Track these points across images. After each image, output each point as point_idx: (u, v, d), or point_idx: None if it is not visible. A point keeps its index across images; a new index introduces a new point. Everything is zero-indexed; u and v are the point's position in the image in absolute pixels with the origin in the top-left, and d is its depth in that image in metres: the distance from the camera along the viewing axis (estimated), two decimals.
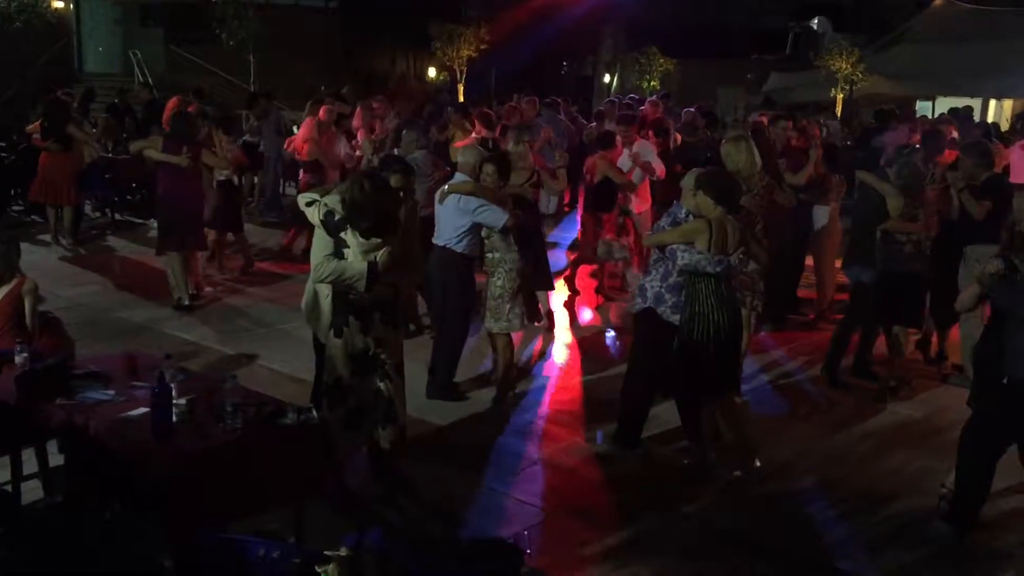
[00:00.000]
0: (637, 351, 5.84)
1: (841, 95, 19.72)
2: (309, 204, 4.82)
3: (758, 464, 5.61)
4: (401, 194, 5.31)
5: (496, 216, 6.17)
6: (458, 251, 6.34)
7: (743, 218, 5.75)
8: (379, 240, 4.62)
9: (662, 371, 5.57)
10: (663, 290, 5.53)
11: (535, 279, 7.65)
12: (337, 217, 4.61)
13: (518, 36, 22.57)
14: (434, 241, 6.48)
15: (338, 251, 4.67)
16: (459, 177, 6.49)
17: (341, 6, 26.28)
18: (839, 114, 18.88)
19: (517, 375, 6.98)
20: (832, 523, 5.17)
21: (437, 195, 6.51)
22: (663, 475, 5.62)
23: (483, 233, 6.34)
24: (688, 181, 5.52)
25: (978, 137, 10.31)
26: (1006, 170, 9.75)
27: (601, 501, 5.36)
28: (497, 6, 23.25)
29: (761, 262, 5.88)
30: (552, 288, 8.45)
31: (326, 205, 4.68)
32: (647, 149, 9.33)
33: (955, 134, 11.09)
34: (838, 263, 8.26)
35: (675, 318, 5.43)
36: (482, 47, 20.26)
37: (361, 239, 4.61)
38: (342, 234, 4.65)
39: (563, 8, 24.25)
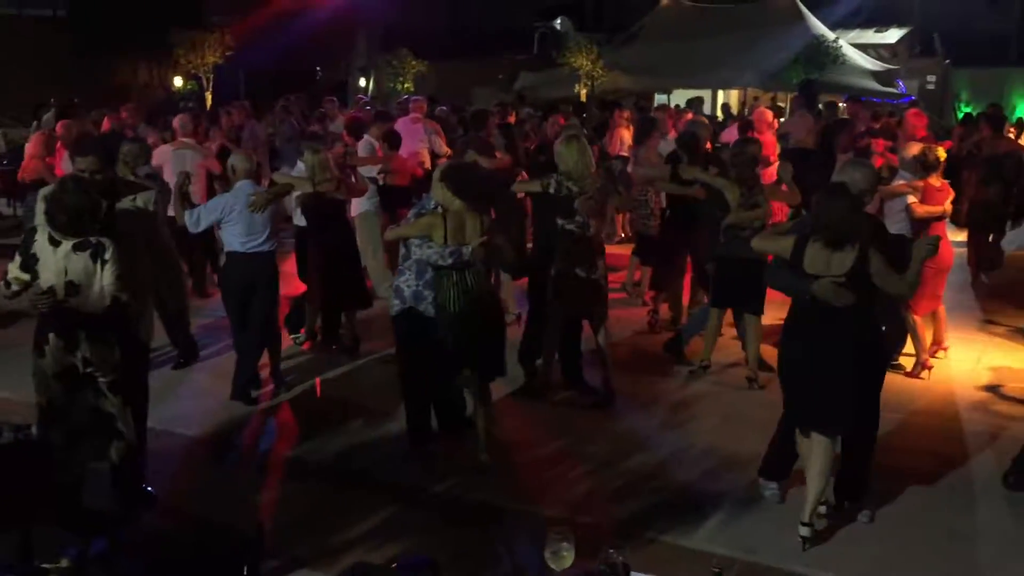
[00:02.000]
0: (404, 352, 5.88)
1: (584, 90, 20.75)
2: None
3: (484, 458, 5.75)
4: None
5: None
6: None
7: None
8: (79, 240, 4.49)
9: (436, 362, 5.66)
10: (421, 287, 5.63)
11: (349, 297, 7.72)
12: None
13: (268, 42, 22.12)
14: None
15: (26, 265, 4.53)
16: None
17: (71, 15, 24.64)
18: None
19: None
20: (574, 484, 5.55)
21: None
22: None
23: None
24: (436, 173, 5.66)
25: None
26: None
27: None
28: (242, 11, 22.64)
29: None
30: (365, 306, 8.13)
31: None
32: None
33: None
34: None
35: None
36: (228, 53, 19.66)
37: (61, 243, 4.48)
38: (33, 250, 4.53)
39: (314, 13, 24.00)
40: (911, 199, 7.16)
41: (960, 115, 21.58)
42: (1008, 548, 4.92)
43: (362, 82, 26.57)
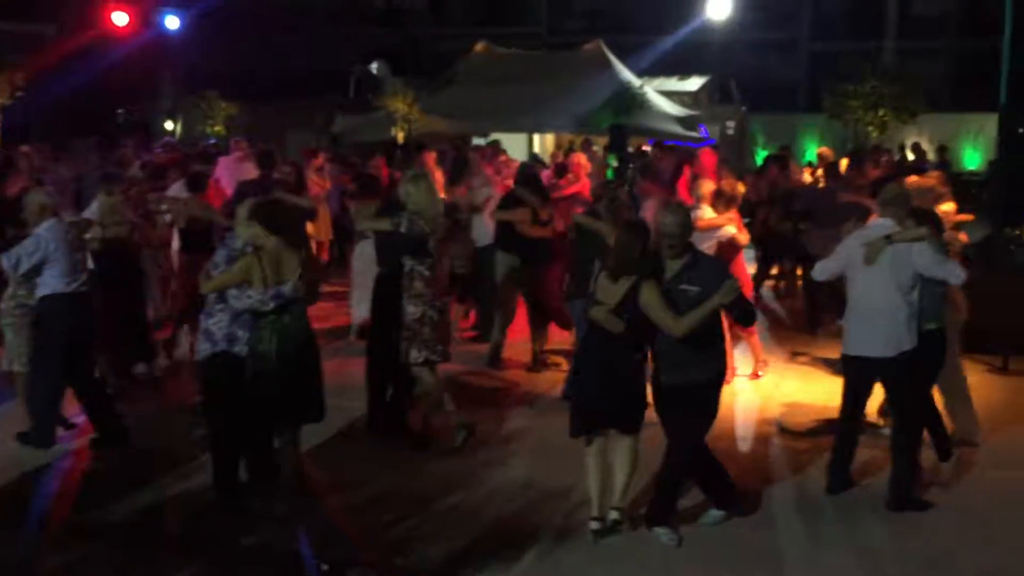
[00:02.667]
0: (214, 399, 5.56)
1: (402, 133, 20.73)
2: None
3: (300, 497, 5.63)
4: None
5: None
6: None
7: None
8: None
9: (251, 408, 5.42)
10: (235, 328, 5.38)
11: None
12: None
13: (61, 82, 20.96)
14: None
15: None
16: None
17: None
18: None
19: None
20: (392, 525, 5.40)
21: None
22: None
23: None
24: (241, 212, 5.44)
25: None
26: None
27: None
28: (33, 50, 21.36)
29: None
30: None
31: None
32: None
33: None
34: None
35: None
36: (18, 94, 18.43)
37: None
38: None
39: (112, 53, 23.00)
40: (730, 230, 7.55)
41: (759, 159, 22.95)
42: (809, 567, 5.11)
43: (169, 124, 25.58)
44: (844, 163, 12.64)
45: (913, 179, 7.82)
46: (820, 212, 9.89)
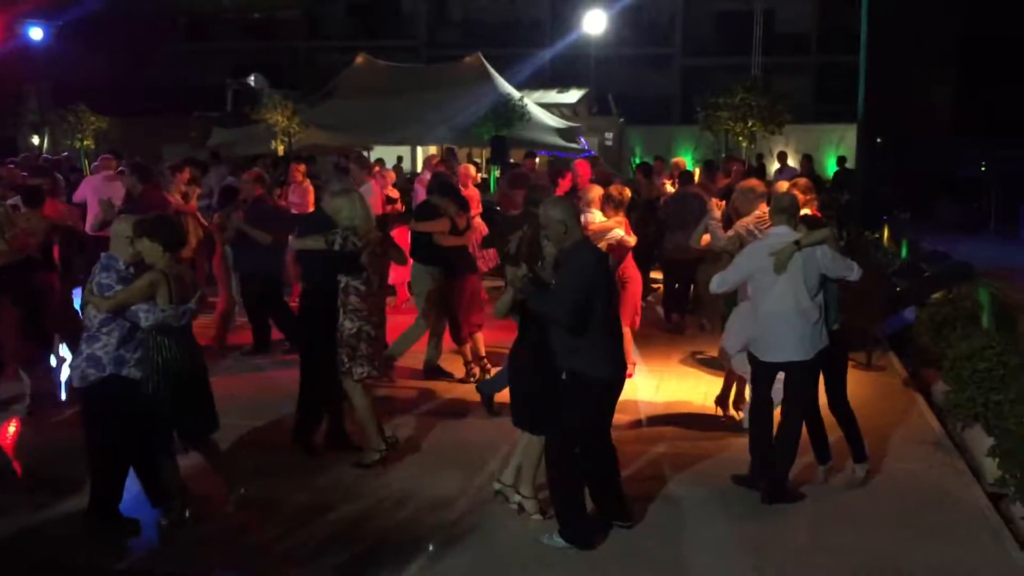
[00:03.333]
0: (101, 422, 5.29)
1: (282, 146, 20.45)
2: None
3: (188, 514, 5.49)
4: None
5: None
6: None
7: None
8: None
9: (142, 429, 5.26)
10: (124, 352, 5.20)
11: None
12: None
13: None
14: None
15: None
16: None
17: None
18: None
19: None
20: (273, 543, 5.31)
21: None
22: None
23: None
24: (123, 229, 5.24)
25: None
26: None
27: None
28: None
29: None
30: None
31: None
32: None
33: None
34: None
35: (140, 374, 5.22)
36: None
37: None
38: None
39: None
40: (619, 232, 7.74)
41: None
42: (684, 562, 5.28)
43: (35, 139, 24.51)
44: (698, 171, 13.28)
45: (782, 184, 8.17)
46: (672, 217, 10.38)
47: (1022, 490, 5.17)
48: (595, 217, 7.94)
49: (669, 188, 12.44)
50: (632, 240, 8.23)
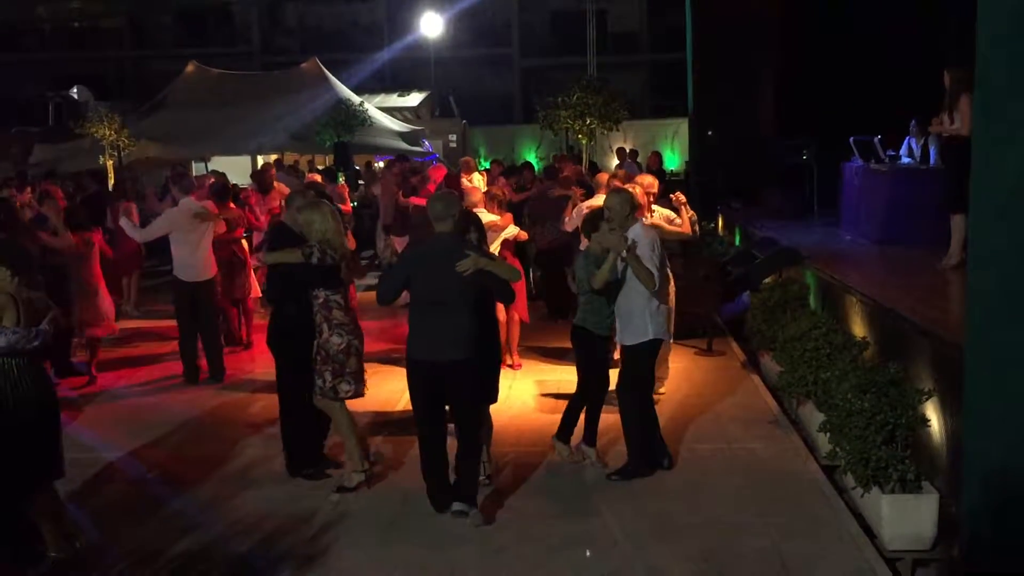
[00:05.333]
0: None
1: (111, 161, 19.49)
2: None
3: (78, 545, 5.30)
4: None
5: None
6: None
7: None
8: None
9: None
10: None
11: None
12: None
13: None
14: None
15: None
16: None
17: None
18: (111, 180, 18.62)
19: None
20: None
21: None
22: None
23: None
24: None
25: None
26: None
27: None
28: None
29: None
30: None
31: None
32: None
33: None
34: None
35: None
36: None
37: None
38: None
39: None
40: (514, 229, 8.65)
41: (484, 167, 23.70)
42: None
43: None
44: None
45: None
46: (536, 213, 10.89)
47: (851, 462, 5.50)
48: (486, 216, 8.10)
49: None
50: (524, 235, 9.11)
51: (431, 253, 5.69)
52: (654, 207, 8.04)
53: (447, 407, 5.80)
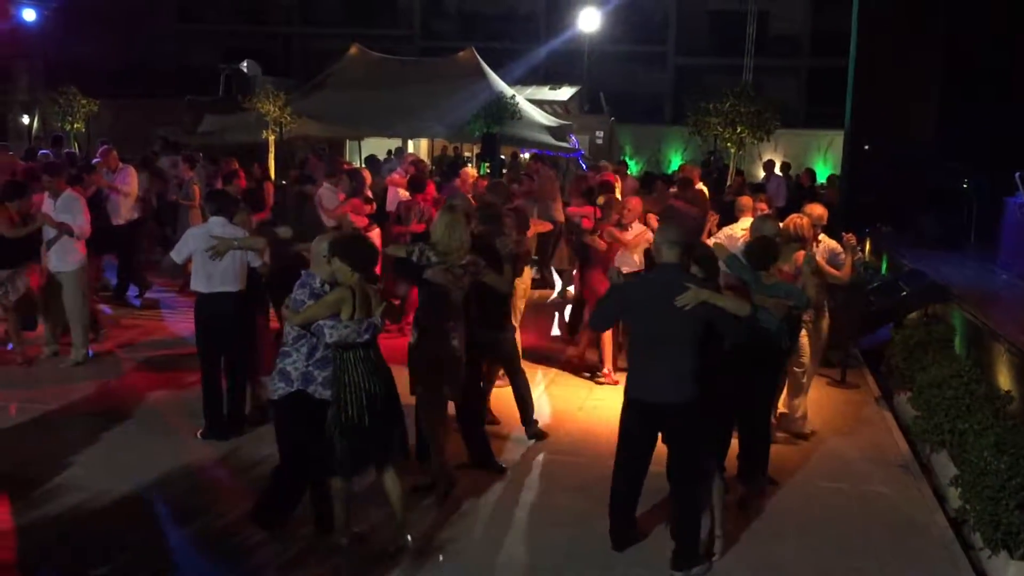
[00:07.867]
0: (287, 438, 5.46)
1: (273, 136, 20.44)
2: None
3: (409, 539, 5.48)
4: None
5: None
6: None
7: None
8: None
9: (319, 453, 5.28)
10: (311, 368, 5.32)
11: None
12: None
13: None
14: None
15: None
16: None
17: None
18: (272, 154, 19.60)
19: None
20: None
21: None
22: None
23: None
24: (321, 247, 5.30)
25: None
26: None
27: None
28: None
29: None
30: None
31: None
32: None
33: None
34: None
35: (328, 394, 5.26)
36: None
37: None
38: None
39: None
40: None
41: (632, 168, 23.64)
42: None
43: (25, 119, 24.42)
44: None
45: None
46: None
47: (981, 521, 5.36)
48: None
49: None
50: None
51: (651, 284, 5.48)
52: (821, 236, 7.64)
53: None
